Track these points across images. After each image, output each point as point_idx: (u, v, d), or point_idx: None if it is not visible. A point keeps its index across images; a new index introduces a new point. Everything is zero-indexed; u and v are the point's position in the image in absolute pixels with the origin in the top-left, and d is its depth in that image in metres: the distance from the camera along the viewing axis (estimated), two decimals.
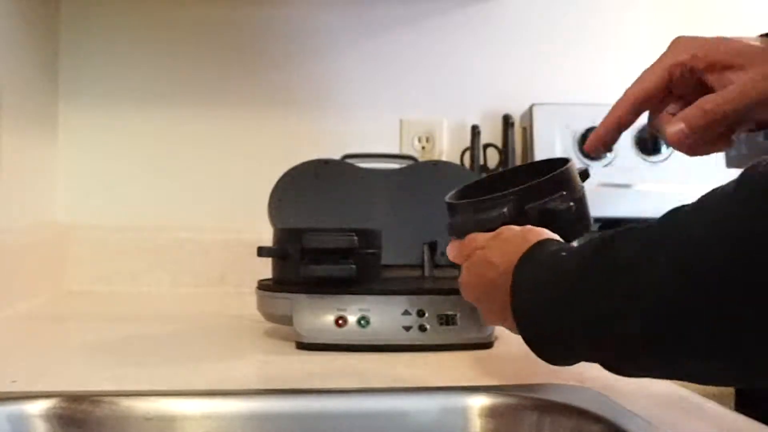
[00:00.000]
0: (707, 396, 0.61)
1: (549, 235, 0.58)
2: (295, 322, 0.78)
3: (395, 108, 1.38)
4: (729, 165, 0.96)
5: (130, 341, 0.84)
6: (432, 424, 0.58)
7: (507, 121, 1.33)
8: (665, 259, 0.41)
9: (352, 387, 0.63)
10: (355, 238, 0.78)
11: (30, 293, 1.11)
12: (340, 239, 0.79)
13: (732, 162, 0.95)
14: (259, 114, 1.36)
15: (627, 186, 1.27)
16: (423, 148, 1.38)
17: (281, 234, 0.85)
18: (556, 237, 0.58)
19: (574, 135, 1.28)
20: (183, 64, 1.34)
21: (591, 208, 0.70)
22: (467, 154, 1.34)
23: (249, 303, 0.87)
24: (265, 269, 0.86)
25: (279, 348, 0.79)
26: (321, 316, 0.77)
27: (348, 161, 1.16)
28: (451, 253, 0.67)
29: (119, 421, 0.55)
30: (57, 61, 1.31)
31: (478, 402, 0.59)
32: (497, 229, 0.62)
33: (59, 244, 1.26)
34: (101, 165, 1.33)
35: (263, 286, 0.84)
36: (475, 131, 1.33)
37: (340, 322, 0.77)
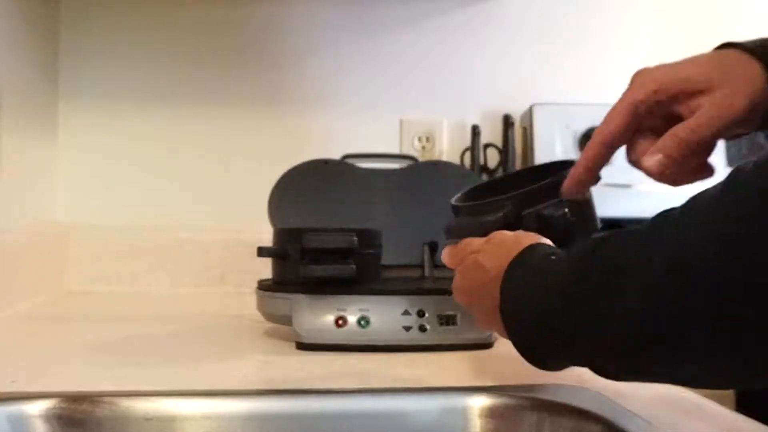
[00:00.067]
0: (707, 396, 0.61)
1: (541, 240, 0.58)
2: (295, 322, 0.78)
3: (395, 108, 1.38)
4: (729, 165, 0.96)
5: (130, 341, 0.84)
6: (432, 424, 0.58)
7: (507, 121, 1.33)
8: (657, 262, 0.40)
9: (352, 387, 0.63)
10: (355, 238, 0.78)
11: (30, 293, 1.11)
12: (340, 239, 0.78)
13: (732, 162, 0.95)
14: (259, 114, 1.36)
15: (627, 186, 1.27)
16: (423, 148, 1.38)
17: (281, 234, 0.85)
18: (548, 242, 0.58)
19: (574, 135, 1.28)
20: (183, 64, 1.34)
21: None
22: (467, 154, 1.34)
23: (249, 303, 0.87)
24: (265, 269, 0.86)
25: (279, 348, 0.79)
26: (321, 316, 0.77)
27: (348, 161, 1.16)
28: (446, 257, 0.67)
29: (119, 422, 0.55)
30: (57, 61, 1.31)
31: (478, 402, 0.59)
32: (491, 234, 0.62)
33: (59, 244, 1.26)
34: (101, 165, 1.33)
35: (263, 286, 0.84)
36: (475, 131, 1.33)
37: (340, 322, 0.77)
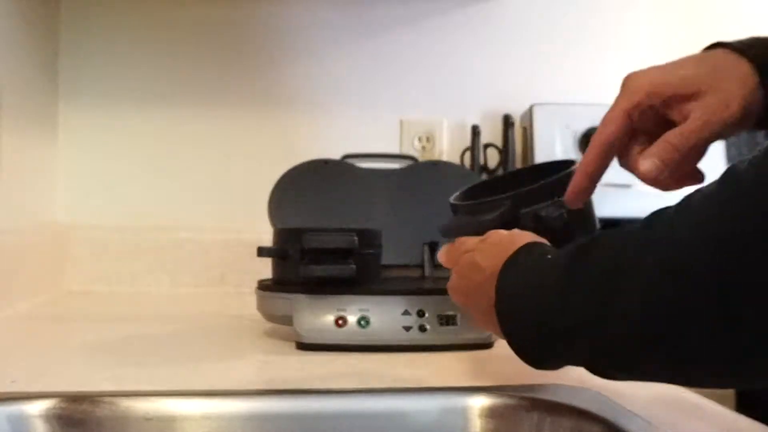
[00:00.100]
0: (707, 396, 0.61)
1: (537, 239, 0.57)
2: (295, 322, 0.78)
3: (395, 108, 1.38)
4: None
5: (130, 341, 0.84)
6: (432, 424, 0.58)
7: (507, 121, 1.33)
8: (651, 261, 0.40)
9: (352, 387, 0.63)
10: (355, 238, 0.78)
11: (30, 293, 1.11)
12: (340, 239, 0.78)
13: (732, 161, 0.95)
14: (259, 114, 1.36)
15: (627, 186, 1.26)
16: (423, 148, 1.38)
17: (281, 234, 0.85)
18: (544, 241, 0.57)
19: (574, 135, 1.28)
20: (183, 64, 1.34)
21: None
22: (467, 154, 1.34)
23: (249, 303, 0.87)
24: (265, 269, 0.86)
25: (279, 348, 0.79)
26: (321, 316, 0.77)
27: (348, 161, 1.16)
28: (442, 257, 0.66)
29: (119, 422, 0.55)
30: (57, 61, 1.31)
31: (478, 402, 0.59)
32: (487, 233, 0.61)
33: (59, 244, 1.26)
34: (101, 165, 1.33)
35: (263, 286, 0.84)
36: (475, 131, 1.33)
37: (340, 322, 0.77)
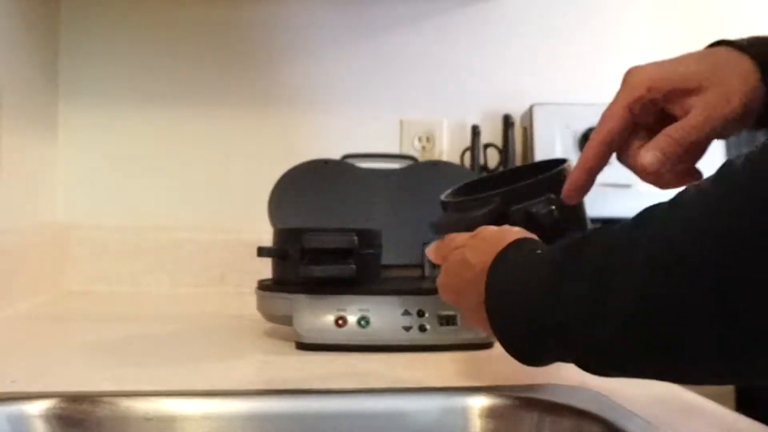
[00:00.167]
0: (707, 396, 0.61)
1: (527, 235, 0.57)
2: (295, 322, 0.78)
3: (395, 108, 1.38)
4: None
5: (130, 341, 0.84)
6: (432, 424, 0.58)
7: (507, 121, 1.33)
8: (643, 258, 0.40)
9: (352, 387, 0.63)
10: (355, 238, 0.78)
11: (30, 293, 1.11)
12: (340, 239, 0.78)
13: None
14: (259, 114, 1.36)
15: (627, 186, 1.27)
16: (423, 148, 1.38)
17: (281, 234, 0.85)
18: (534, 237, 0.57)
19: (574, 135, 1.28)
20: (183, 64, 1.34)
21: (591, 208, 0.70)
22: (467, 154, 1.34)
23: (249, 303, 0.87)
24: (265, 269, 0.86)
25: (279, 348, 0.79)
26: (321, 316, 0.77)
27: (348, 161, 1.16)
28: (431, 253, 0.66)
29: (119, 422, 0.55)
30: (57, 61, 1.31)
31: (478, 402, 0.59)
32: (477, 229, 0.61)
33: (59, 244, 1.26)
34: (101, 165, 1.33)
35: (263, 286, 0.84)
36: (475, 131, 1.32)
37: (339, 322, 0.77)
